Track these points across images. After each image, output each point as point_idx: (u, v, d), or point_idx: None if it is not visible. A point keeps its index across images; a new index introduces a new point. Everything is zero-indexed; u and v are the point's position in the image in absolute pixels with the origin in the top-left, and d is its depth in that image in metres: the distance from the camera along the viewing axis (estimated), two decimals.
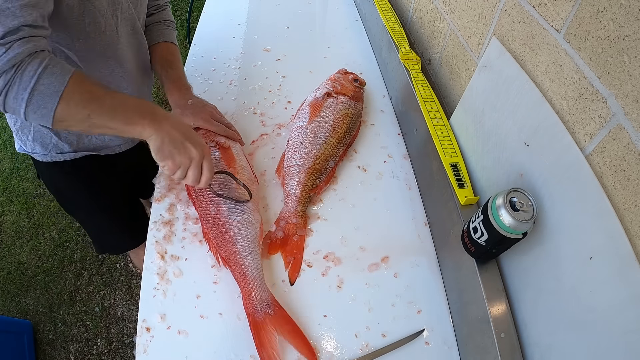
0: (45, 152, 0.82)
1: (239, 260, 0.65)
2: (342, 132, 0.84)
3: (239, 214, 0.69)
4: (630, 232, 0.41)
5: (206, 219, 0.71)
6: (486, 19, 0.69)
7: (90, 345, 1.50)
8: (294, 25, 1.26)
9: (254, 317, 0.61)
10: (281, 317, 0.62)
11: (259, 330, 0.60)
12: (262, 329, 0.60)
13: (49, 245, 1.78)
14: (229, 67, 1.09)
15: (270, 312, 0.62)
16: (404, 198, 0.81)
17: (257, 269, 0.65)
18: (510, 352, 0.54)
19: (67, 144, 0.81)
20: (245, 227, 0.68)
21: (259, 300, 0.62)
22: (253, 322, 0.61)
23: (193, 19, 2.09)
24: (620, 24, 0.41)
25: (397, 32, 1.01)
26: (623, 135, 0.42)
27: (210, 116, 0.83)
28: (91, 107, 0.55)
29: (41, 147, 0.81)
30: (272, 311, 0.62)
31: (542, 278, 0.53)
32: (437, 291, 0.69)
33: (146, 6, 0.84)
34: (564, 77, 0.50)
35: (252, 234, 0.68)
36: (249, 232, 0.68)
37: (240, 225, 0.68)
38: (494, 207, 0.52)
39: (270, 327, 0.60)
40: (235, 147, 0.81)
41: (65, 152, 0.83)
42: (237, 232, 0.68)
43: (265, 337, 0.60)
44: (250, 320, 0.62)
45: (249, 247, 0.67)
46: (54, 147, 0.81)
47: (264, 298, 0.63)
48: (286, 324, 0.62)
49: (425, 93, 0.83)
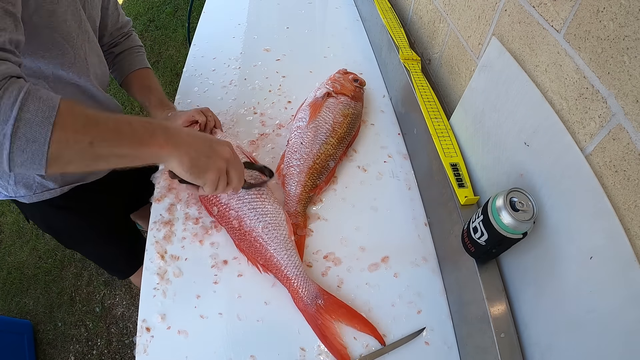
0: (31, 192, 0.77)
1: (277, 263, 0.66)
2: (342, 132, 0.84)
3: (262, 219, 0.69)
4: (630, 232, 0.41)
5: (233, 234, 0.71)
6: (486, 19, 0.69)
7: (90, 345, 1.50)
8: (294, 25, 1.26)
9: (307, 311, 0.63)
10: (333, 304, 0.63)
11: (316, 323, 0.62)
12: (318, 320, 0.62)
13: (49, 245, 1.78)
14: (229, 67, 1.09)
15: (321, 303, 0.63)
16: (404, 198, 0.81)
17: (297, 266, 0.65)
18: (510, 352, 0.54)
19: (51, 181, 0.78)
20: (272, 230, 0.68)
21: (307, 295, 0.63)
22: (308, 316, 0.63)
23: (193, 19, 2.09)
24: (620, 24, 0.41)
25: (397, 32, 1.01)
26: (623, 135, 0.42)
27: (194, 114, 0.79)
28: (93, 133, 0.44)
29: (25, 189, 0.76)
30: (322, 301, 0.63)
31: (542, 278, 0.53)
32: (437, 291, 0.69)
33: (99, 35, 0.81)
34: (564, 77, 0.50)
35: (281, 234, 0.68)
36: (277, 233, 0.68)
37: (267, 230, 0.68)
38: (494, 207, 0.52)
39: (325, 315, 0.62)
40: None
41: (52, 189, 0.79)
42: (266, 237, 0.67)
43: (324, 327, 0.61)
44: (306, 317, 0.63)
45: (282, 248, 0.66)
46: (38, 186, 0.77)
47: (311, 291, 0.63)
48: (339, 308, 0.63)
49: (425, 93, 0.83)
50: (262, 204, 0.70)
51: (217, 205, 0.72)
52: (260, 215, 0.69)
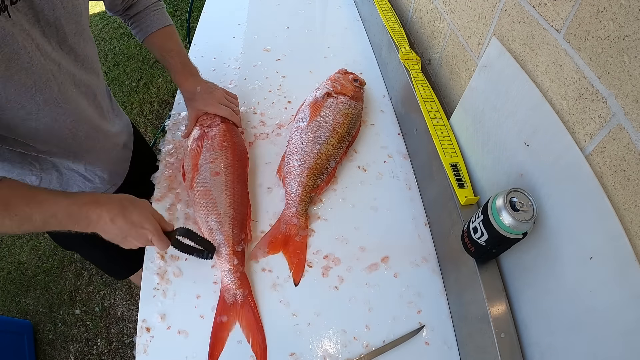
0: None
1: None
2: (342, 132, 0.84)
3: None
4: (630, 232, 0.41)
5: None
6: (486, 19, 0.69)
7: (90, 345, 1.50)
8: (294, 25, 1.26)
9: (224, 300, 0.65)
10: (248, 305, 0.65)
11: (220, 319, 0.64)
12: (223, 316, 0.65)
13: (49, 245, 1.78)
14: (229, 67, 1.09)
15: (240, 297, 0.66)
16: (404, 198, 0.81)
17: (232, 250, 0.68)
18: (510, 352, 0.54)
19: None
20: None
21: (232, 286, 0.66)
22: (222, 306, 0.65)
23: (193, 19, 2.09)
24: (620, 24, 0.41)
25: (397, 32, 1.01)
26: (623, 135, 0.42)
27: (219, 101, 0.85)
28: (23, 228, 0.54)
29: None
30: (242, 297, 0.66)
31: (542, 278, 0.53)
32: (437, 291, 0.69)
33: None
34: (564, 77, 0.50)
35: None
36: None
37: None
38: (494, 207, 0.52)
39: (234, 313, 0.65)
40: (237, 131, 0.86)
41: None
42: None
43: (225, 326, 0.64)
44: (218, 305, 0.65)
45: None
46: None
47: (237, 284, 0.66)
48: (248, 314, 0.65)
49: (425, 93, 0.83)
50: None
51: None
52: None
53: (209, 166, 0.75)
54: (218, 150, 0.77)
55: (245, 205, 0.74)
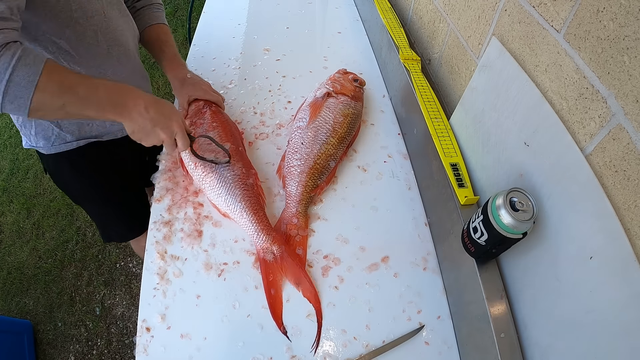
0: (49, 144, 0.85)
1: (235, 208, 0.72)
2: (342, 132, 0.84)
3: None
4: (630, 232, 0.41)
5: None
6: (486, 19, 0.69)
7: (90, 345, 1.50)
8: (294, 25, 1.26)
9: (264, 259, 0.69)
10: (288, 256, 0.68)
11: (267, 278, 0.67)
12: (270, 276, 0.67)
13: (49, 245, 1.78)
14: (229, 67, 1.09)
15: (277, 252, 0.69)
16: (404, 198, 0.81)
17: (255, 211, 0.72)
18: (510, 352, 0.54)
19: (69, 134, 0.84)
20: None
21: (264, 240, 0.70)
22: (263, 265, 0.68)
23: (193, 19, 2.09)
24: (620, 24, 0.41)
25: (397, 32, 1.01)
26: (623, 135, 0.42)
27: (206, 89, 0.91)
28: (65, 97, 0.57)
29: (44, 140, 0.84)
30: (279, 252, 0.69)
31: (542, 278, 0.53)
32: (437, 291, 0.69)
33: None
34: (564, 77, 0.50)
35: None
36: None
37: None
38: (494, 207, 0.52)
39: (277, 266, 0.68)
40: (226, 114, 0.90)
41: (69, 142, 0.85)
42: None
43: (275, 283, 0.67)
44: (261, 265, 0.69)
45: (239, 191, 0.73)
46: (56, 139, 0.84)
47: (270, 238, 0.70)
48: (292, 266, 0.68)
49: (425, 93, 0.83)
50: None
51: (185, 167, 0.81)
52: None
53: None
54: (212, 131, 0.82)
55: (250, 176, 0.77)
